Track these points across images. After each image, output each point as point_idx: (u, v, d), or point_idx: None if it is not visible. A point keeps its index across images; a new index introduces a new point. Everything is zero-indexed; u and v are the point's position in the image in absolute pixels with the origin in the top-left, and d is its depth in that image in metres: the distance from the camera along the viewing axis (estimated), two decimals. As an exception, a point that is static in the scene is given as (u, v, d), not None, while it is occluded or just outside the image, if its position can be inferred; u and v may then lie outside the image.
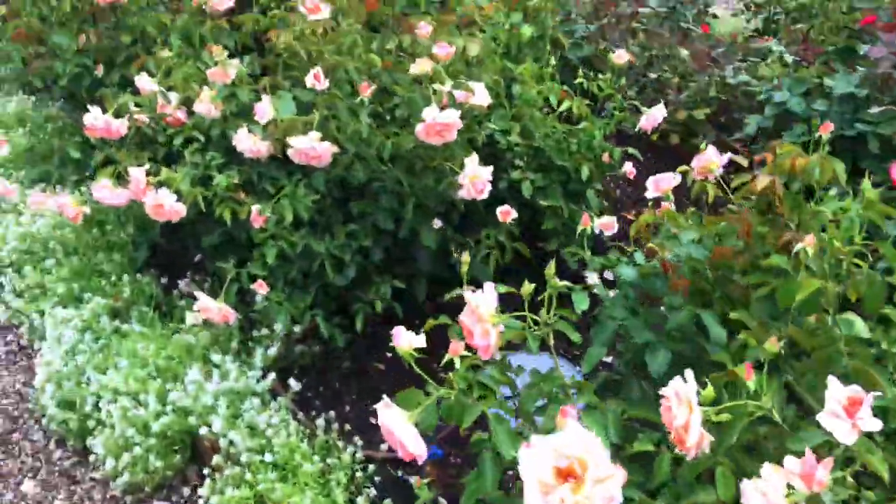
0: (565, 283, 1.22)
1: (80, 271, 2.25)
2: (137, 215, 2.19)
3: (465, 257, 1.32)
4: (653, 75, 3.33)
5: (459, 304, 2.38)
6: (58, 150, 2.60)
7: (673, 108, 3.21)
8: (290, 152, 1.78)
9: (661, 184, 1.57)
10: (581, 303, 1.40)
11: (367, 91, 1.79)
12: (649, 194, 1.59)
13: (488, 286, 1.16)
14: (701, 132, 3.27)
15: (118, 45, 2.57)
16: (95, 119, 1.98)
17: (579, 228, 1.59)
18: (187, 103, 2.18)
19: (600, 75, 2.41)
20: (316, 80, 1.77)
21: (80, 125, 2.72)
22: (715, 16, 4.33)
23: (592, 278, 2.66)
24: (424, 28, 1.99)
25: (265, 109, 1.78)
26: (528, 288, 1.17)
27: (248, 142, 1.87)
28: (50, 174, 2.55)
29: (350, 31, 2.11)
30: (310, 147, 1.73)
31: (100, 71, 2.37)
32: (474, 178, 1.82)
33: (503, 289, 1.32)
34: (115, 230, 2.35)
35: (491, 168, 1.90)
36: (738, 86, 3.17)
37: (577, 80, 2.41)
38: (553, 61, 2.35)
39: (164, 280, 2.30)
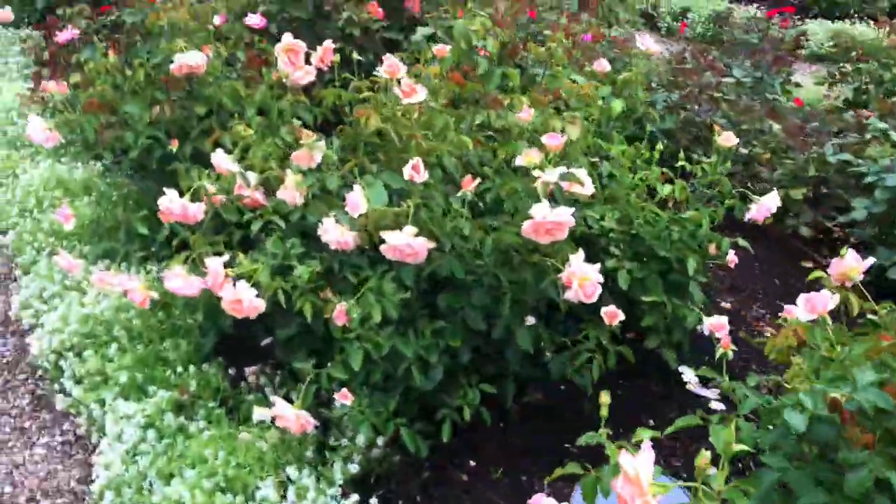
0: (742, 446, 1.01)
1: (144, 359, 2.11)
2: (207, 302, 2.05)
3: (605, 398, 1.13)
4: (743, 150, 3.14)
5: (550, 407, 2.15)
6: (123, 223, 2.49)
7: (767, 187, 3.00)
8: (383, 248, 1.62)
9: (815, 305, 1.35)
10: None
11: (469, 185, 1.63)
12: (801, 315, 1.38)
13: (646, 446, 0.96)
14: (795, 212, 3.05)
15: (191, 115, 2.47)
16: (171, 202, 1.85)
17: (718, 352, 1.38)
18: (265, 183, 2.06)
19: (703, 158, 2.22)
20: (415, 171, 1.61)
21: (149, 197, 2.62)
22: (798, 84, 4.14)
23: (690, 376, 2.44)
24: (526, 112, 1.83)
25: (357, 202, 1.63)
26: (703, 462, 0.96)
27: (335, 233, 1.72)
28: (115, 250, 2.43)
29: (441, 111, 1.97)
30: (406, 244, 1.57)
31: (174, 145, 2.26)
32: (584, 280, 1.63)
33: (647, 433, 1.12)
34: (182, 314, 2.21)
35: (598, 266, 1.72)
36: (837, 164, 2.96)
37: (679, 163, 2.23)
38: (660, 146, 2.17)
39: (231, 370, 2.14)
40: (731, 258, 2.28)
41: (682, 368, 2.38)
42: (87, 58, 2.92)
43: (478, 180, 1.66)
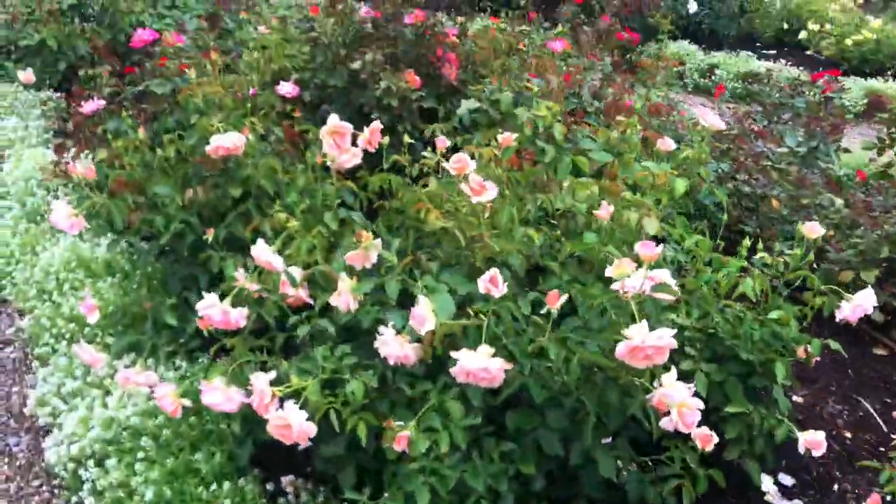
0: None
1: (174, 471, 1.91)
2: (246, 412, 1.85)
3: None
4: (805, 227, 2.95)
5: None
6: (150, 312, 2.30)
7: (834, 268, 2.81)
8: (454, 371, 1.42)
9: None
10: None
11: (556, 302, 1.44)
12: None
13: None
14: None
15: (224, 195, 2.30)
16: (211, 308, 1.67)
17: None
18: (310, 278, 1.88)
19: (786, 250, 2.04)
20: (493, 284, 1.43)
21: (177, 281, 2.44)
22: (846, 150, 3.96)
23: (768, 486, 2.21)
24: (605, 210, 1.65)
25: (424, 316, 1.44)
26: None
27: (394, 347, 1.53)
28: (141, 343, 2.25)
29: (506, 202, 1.80)
30: (482, 368, 1.38)
31: (210, 234, 2.09)
32: (683, 407, 1.43)
33: None
34: (216, 420, 2.01)
35: (692, 387, 1.52)
36: (909, 243, 2.76)
37: (757, 255, 2.05)
38: (747, 242, 1.99)
39: (268, 485, 1.94)
40: (815, 357, 2.08)
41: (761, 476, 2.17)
42: (115, 130, 2.78)
43: (564, 297, 1.46)
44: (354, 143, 2.12)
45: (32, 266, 2.83)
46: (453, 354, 1.42)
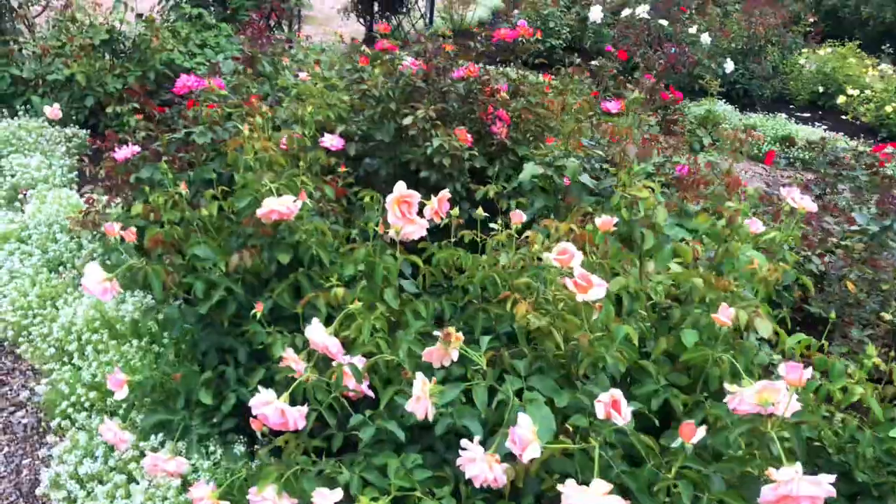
0: None
1: (204, 581, 1.67)
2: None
3: None
4: (887, 316, 2.73)
5: None
6: (182, 385, 2.08)
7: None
8: (563, 509, 1.20)
9: None
10: None
11: (691, 437, 1.22)
12: None
13: None
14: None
15: (271, 259, 2.09)
16: (266, 405, 1.45)
17: None
18: (374, 368, 1.67)
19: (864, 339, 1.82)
20: (615, 410, 1.21)
21: (215, 354, 2.21)
22: (909, 226, 3.76)
23: None
24: (724, 313, 1.44)
25: (527, 439, 1.22)
26: None
27: (482, 466, 1.30)
28: (172, 423, 2.02)
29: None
30: (598, 508, 1.15)
31: (259, 309, 1.88)
32: (832, 564, 1.20)
33: None
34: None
35: (832, 530, 1.29)
36: None
37: (869, 360, 1.82)
38: (872, 349, 1.76)
39: None
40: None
41: None
42: (149, 179, 2.60)
43: (701, 431, 1.24)
44: (421, 213, 1.93)
45: (52, 321, 2.62)
46: (559, 488, 1.19)
